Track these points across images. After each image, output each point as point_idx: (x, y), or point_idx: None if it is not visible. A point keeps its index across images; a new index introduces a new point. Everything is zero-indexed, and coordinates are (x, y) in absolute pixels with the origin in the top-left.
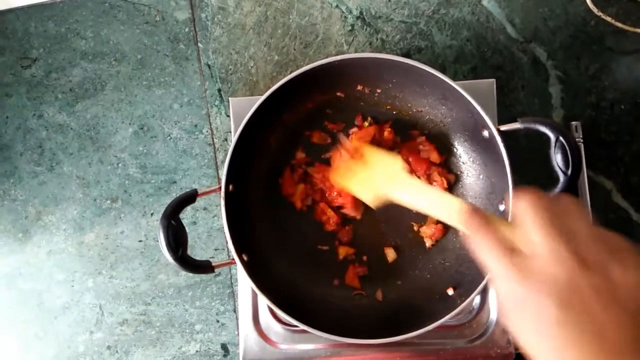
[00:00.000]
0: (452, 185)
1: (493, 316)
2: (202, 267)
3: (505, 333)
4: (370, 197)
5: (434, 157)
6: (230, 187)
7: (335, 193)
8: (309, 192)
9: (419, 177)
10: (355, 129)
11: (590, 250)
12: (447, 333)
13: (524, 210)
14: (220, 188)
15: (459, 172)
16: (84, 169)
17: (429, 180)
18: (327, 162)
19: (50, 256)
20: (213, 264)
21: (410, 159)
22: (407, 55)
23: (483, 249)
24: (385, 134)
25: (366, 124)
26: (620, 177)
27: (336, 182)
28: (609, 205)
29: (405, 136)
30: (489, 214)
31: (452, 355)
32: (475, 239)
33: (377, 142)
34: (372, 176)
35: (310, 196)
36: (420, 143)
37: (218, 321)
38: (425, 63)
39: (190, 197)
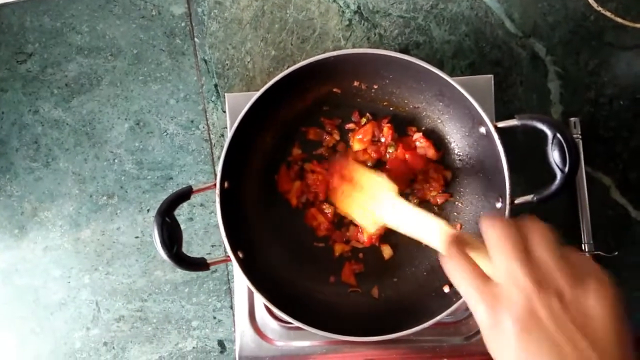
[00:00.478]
0: (449, 182)
1: None
2: (197, 265)
3: None
4: (369, 223)
5: (431, 153)
6: (226, 183)
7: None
8: (305, 189)
9: (410, 196)
10: (352, 124)
11: (549, 271)
12: (444, 330)
13: (490, 237)
14: (215, 185)
15: (455, 169)
16: (80, 164)
17: (426, 177)
18: (322, 159)
19: (46, 252)
20: (208, 262)
21: (407, 156)
22: (405, 50)
23: (457, 276)
24: (385, 129)
25: (364, 120)
26: (619, 174)
27: (338, 208)
28: (607, 202)
29: (402, 132)
30: (473, 240)
31: (448, 353)
32: (451, 265)
33: (377, 139)
34: (365, 199)
35: (306, 194)
36: (417, 139)
37: (215, 317)
38: (423, 58)
39: (185, 194)
